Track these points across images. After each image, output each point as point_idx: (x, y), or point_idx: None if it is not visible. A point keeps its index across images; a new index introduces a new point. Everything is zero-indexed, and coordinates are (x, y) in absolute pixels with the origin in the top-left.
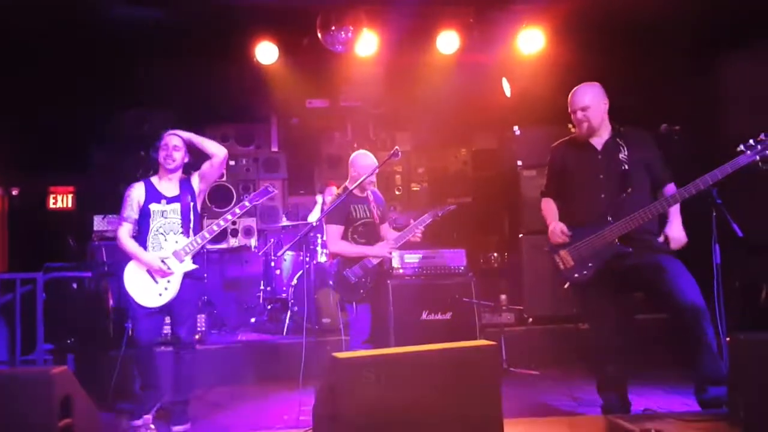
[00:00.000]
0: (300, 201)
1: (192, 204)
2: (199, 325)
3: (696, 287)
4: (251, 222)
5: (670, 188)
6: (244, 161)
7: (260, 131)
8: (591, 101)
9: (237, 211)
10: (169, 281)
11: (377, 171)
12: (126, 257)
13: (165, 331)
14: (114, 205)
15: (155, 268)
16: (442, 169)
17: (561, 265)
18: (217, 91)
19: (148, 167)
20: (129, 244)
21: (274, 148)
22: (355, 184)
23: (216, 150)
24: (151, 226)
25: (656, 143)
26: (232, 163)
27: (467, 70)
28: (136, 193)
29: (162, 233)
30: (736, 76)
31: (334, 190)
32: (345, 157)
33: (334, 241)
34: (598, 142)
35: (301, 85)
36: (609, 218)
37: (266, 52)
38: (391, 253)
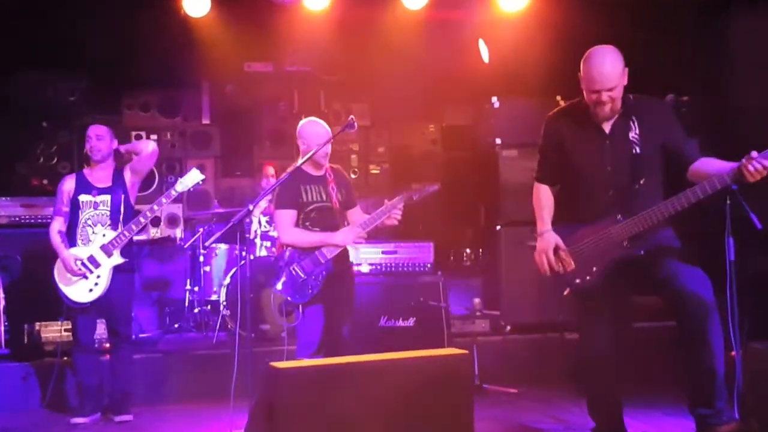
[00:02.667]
0: (235, 183)
1: (123, 197)
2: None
3: (704, 278)
4: (176, 209)
5: (703, 164)
6: (168, 135)
7: (188, 99)
8: (620, 78)
9: (163, 200)
10: (99, 276)
11: (331, 141)
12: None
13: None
14: (8, 186)
15: (69, 267)
16: (407, 148)
17: (560, 268)
18: (136, 49)
19: (51, 142)
20: (53, 239)
21: (205, 120)
22: (304, 159)
23: (142, 146)
24: (81, 217)
25: (674, 111)
26: (154, 137)
27: (437, 29)
28: (68, 185)
29: (90, 225)
30: (749, 36)
31: (270, 171)
32: (290, 132)
33: (285, 229)
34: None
35: (238, 44)
36: (618, 216)
37: (196, 2)
38: (357, 241)
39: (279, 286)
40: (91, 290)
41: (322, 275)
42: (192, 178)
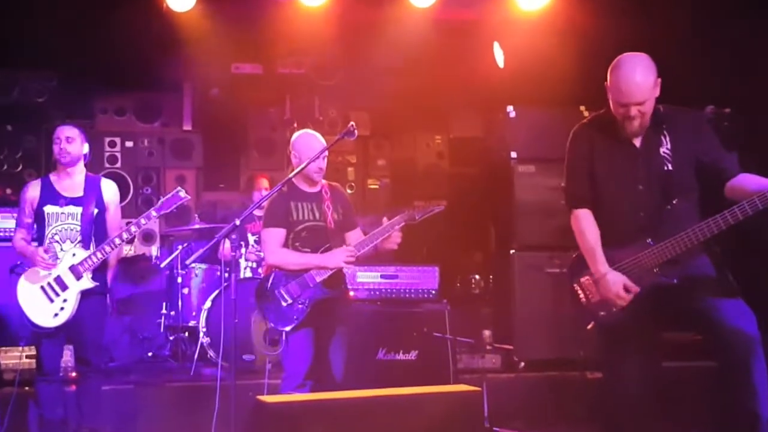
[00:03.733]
0: (219, 197)
1: (97, 210)
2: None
3: (747, 311)
4: (152, 224)
5: (744, 181)
6: (145, 142)
7: (168, 103)
8: (651, 91)
9: (142, 221)
10: (65, 300)
11: (326, 155)
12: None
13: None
14: None
15: (38, 262)
16: (410, 161)
17: (583, 298)
18: (112, 47)
19: (16, 147)
20: (16, 245)
21: (187, 127)
22: (295, 172)
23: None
24: (47, 232)
25: (709, 124)
26: (129, 144)
27: (447, 30)
28: (30, 193)
29: (58, 241)
30: None
31: (265, 184)
32: (281, 142)
33: (272, 249)
34: None
35: (225, 43)
36: (648, 240)
37: None
38: (349, 264)
39: (262, 311)
40: (56, 315)
41: (309, 300)
42: (175, 199)
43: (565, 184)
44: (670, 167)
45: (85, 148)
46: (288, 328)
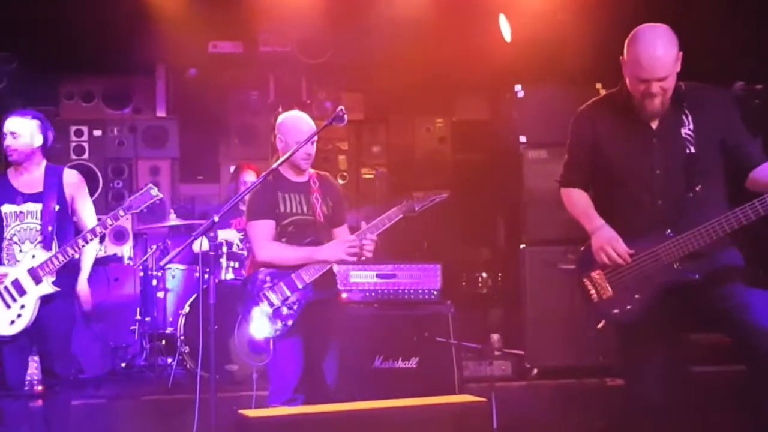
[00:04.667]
0: (197, 191)
1: (59, 206)
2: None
3: None
4: (123, 221)
5: None
6: (115, 131)
7: (140, 88)
8: (673, 65)
9: (108, 222)
10: (22, 306)
11: (315, 139)
12: None
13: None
14: None
15: None
16: (408, 147)
17: (594, 295)
18: (78, 27)
19: None
20: None
21: (161, 113)
22: (283, 159)
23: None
24: (5, 233)
25: (737, 102)
26: (98, 133)
27: (448, 1)
28: None
29: (17, 242)
30: None
31: (251, 178)
32: (264, 128)
33: (262, 244)
34: None
35: (201, 20)
36: (668, 231)
37: None
38: (349, 255)
39: (246, 316)
40: (13, 322)
41: (299, 303)
42: (145, 198)
43: (564, 164)
44: (693, 150)
45: (38, 140)
46: (275, 335)
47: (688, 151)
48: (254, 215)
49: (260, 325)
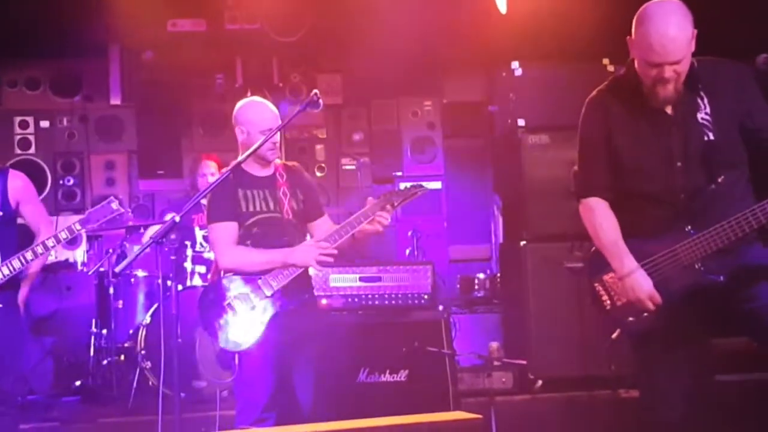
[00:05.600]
0: (157, 187)
1: (2, 213)
2: None
3: None
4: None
5: None
6: (65, 121)
7: (91, 73)
8: (688, 46)
9: (62, 236)
10: None
11: (282, 130)
12: None
13: None
14: None
15: None
16: (394, 134)
17: (607, 301)
18: (20, 4)
19: None
20: None
21: (115, 101)
22: (247, 154)
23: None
24: None
25: (758, 78)
26: (45, 124)
27: None
28: None
29: None
30: None
31: (212, 170)
32: (232, 116)
33: (225, 248)
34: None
35: None
36: (688, 228)
37: None
38: (321, 260)
39: (209, 328)
40: None
41: (266, 313)
42: (105, 211)
43: (577, 167)
44: (712, 136)
45: None
46: (241, 349)
47: (706, 138)
48: (214, 217)
49: (225, 337)
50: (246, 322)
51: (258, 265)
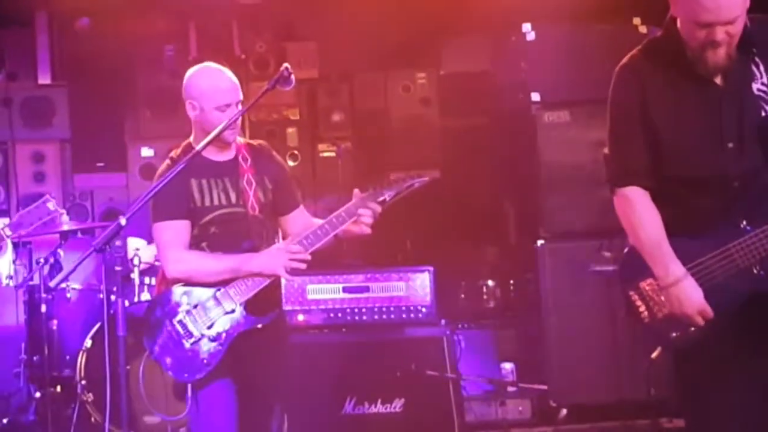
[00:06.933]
0: (97, 182)
1: None
2: None
3: None
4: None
5: None
6: None
7: (15, 45)
8: (743, 3)
9: None
10: None
11: (240, 99)
12: None
13: None
14: None
15: None
16: (381, 114)
17: (645, 313)
18: None
19: None
20: None
21: (44, 79)
22: (206, 142)
23: None
24: None
25: None
26: None
27: None
28: None
29: None
30: None
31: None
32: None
33: (173, 253)
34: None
35: None
36: (743, 223)
37: None
38: (295, 270)
39: (155, 353)
40: None
41: (227, 333)
42: (40, 212)
43: (608, 150)
44: None
45: None
46: (194, 379)
47: (764, 113)
48: (159, 215)
49: (175, 365)
50: (201, 344)
51: (215, 273)
